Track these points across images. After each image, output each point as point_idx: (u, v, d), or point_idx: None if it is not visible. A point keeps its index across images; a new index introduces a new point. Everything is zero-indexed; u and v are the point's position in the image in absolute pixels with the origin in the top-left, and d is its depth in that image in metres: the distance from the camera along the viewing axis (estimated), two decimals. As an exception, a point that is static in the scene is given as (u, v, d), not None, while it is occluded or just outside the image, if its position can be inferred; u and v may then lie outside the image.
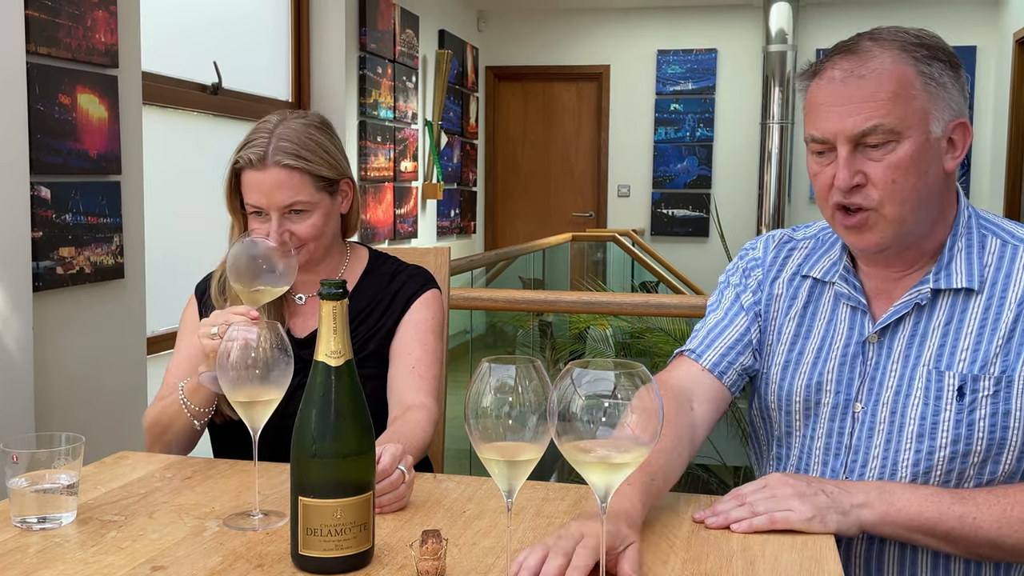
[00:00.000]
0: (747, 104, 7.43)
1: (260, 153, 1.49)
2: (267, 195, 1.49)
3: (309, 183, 1.51)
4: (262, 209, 1.51)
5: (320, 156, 1.53)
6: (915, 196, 1.21)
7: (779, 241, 1.44)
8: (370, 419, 1.07)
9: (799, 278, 1.39)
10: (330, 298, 1.04)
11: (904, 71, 1.19)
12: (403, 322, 1.60)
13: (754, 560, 1.08)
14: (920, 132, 1.20)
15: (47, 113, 2.33)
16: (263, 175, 1.49)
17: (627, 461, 0.92)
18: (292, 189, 1.50)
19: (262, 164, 1.49)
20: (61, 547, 1.08)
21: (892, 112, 1.19)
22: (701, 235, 7.55)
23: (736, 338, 1.40)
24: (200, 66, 3.68)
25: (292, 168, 1.49)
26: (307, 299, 1.64)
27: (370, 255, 1.70)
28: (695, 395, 1.37)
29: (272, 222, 1.50)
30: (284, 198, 1.50)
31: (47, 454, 1.15)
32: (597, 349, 4.97)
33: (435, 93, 6.27)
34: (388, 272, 1.66)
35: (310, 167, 1.51)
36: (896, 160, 1.20)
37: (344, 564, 1.03)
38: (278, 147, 1.49)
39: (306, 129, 1.54)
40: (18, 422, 2.12)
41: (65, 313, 2.43)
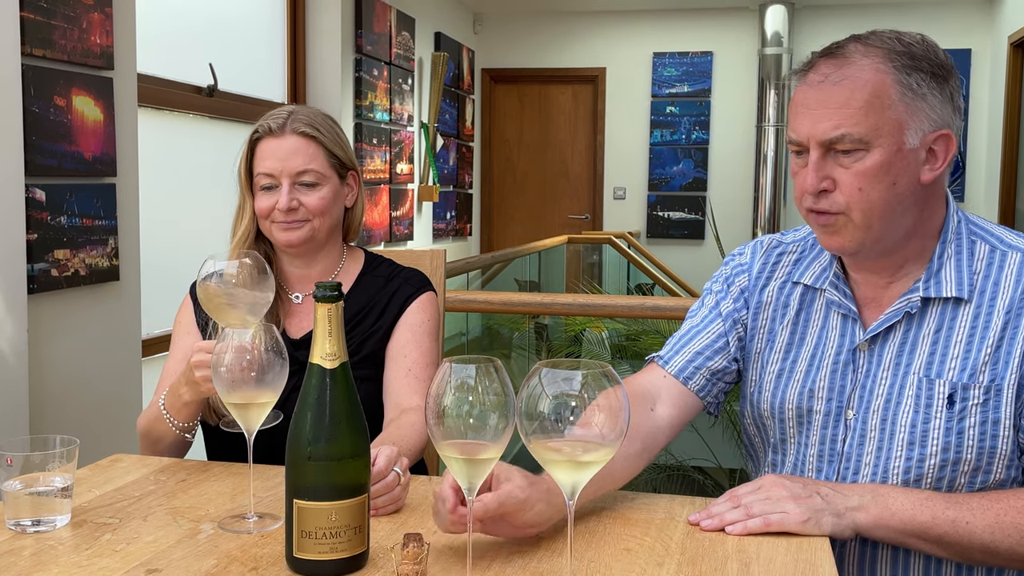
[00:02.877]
0: (743, 107, 7.44)
1: (280, 122, 1.55)
2: (282, 160, 1.53)
3: (323, 155, 1.56)
4: (274, 178, 1.54)
5: (334, 136, 1.60)
6: (882, 205, 1.21)
7: (768, 247, 1.44)
8: (365, 422, 1.07)
9: (790, 285, 1.39)
10: (325, 300, 1.04)
11: (881, 80, 1.19)
12: (399, 324, 1.61)
13: (749, 562, 1.08)
14: (891, 142, 1.19)
15: (42, 115, 2.32)
16: (280, 141, 1.54)
17: (593, 459, 0.93)
18: (307, 156, 1.54)
19: (280, 131, 1.55)
20: (55, 550, 1.08)
21: (862, 121, 1.18)
22: (697, 237, 7.56)
23: (707, 344, 1.40)
24: (196, 68, 3.68)
25: (308, 137, 1.55)
26: (303, 298, 1.64)
27: (366, 257, 1.70)
28: (658, 399, 1.38)
29: (282, 189, 1.53)
30: (298, 164, 1.53)
31: (41, 457, 1.14)
32: (593, 351, 4.98)
33: (431, 95, 6.27)
34: (384, 275, 1.66)
35: (325, 141, 1.57)
36: (864, 169, 1.20)
37: (339, 567, 1.03)
38: (296, 118, 1.56)
39: (321, 113, 1.62)
40: (12, 424, 2.12)
41: (60, 315, 2.42)
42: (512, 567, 1.06)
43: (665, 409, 1.38)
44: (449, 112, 6.77)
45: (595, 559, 1.08)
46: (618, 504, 1.27)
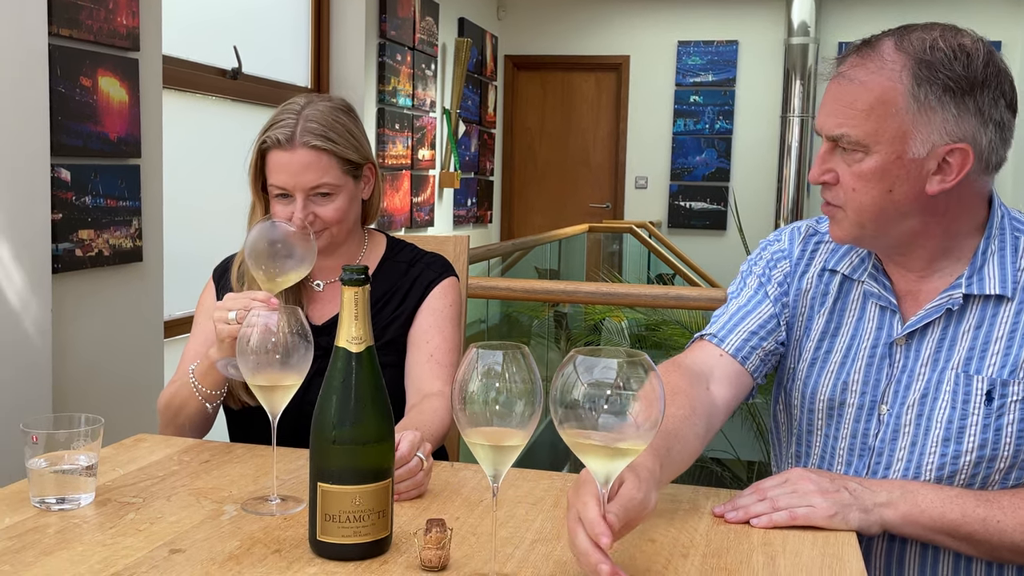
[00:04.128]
0: (767, 97, 7.38)
1: (288, 133, 1.49)
2: (294, 176, 1.49)
3: (335, 166, 1.51)
4: (287, 191, 1.50)
5: (346, 139, 1.53)
6: (875, 209, 1.21)
7: (805, 234, 1.42)
8: (390, 406, 1.06)
9: (828, 273, 1.38)
10: (352, 284, 1.03)
11: (891, 87, 1.17)
12: (421, 309, 1.60)
13: (775, 556, 1.07)
14: (891, 150, 1.18)
15: (68, 95, 2.33)
16: (291, 156, 1.49)
17: (628, 448, 0.93)
18: (319, 171, 1.49)
19: (290, 144, 1.49)
20: (79, 528, 1.08)
21: (861, 124, 1.18)
22: (719, 228, 7.51)
23: (760, 324, 1.38)
24: (220, 51, 3.68)
25: (320, 150, 1.49)
26: (325, 286, 1.63)
27: (388, 242, 1.69)
28: (713, 376, 1.34)
29: (297, 204, 1.50)
30: (311, 180, 1.49)
31: (66, 435, 1.15)
32: (612, 341, 4.96)
33: (454, 81, 6.25)
34: (406, 260, 1.65)
35: (337, 149, 1.51)
36: (860, 171, 1.20)
37: (362, 551, 1.02)
38: (306, 128, 1.49)
39: (333, 112, 1.54)
40: (35, 403, 2.13)
41: (83, 295, 2.43)
42: (535, 555, 1.05)
43: (720, 389, 1.34)
44: (471, 98, 6.75)
45: (619, 550, 1.07)
46: (642, 494, 1.25)
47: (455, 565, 1.02)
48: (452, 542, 1.04)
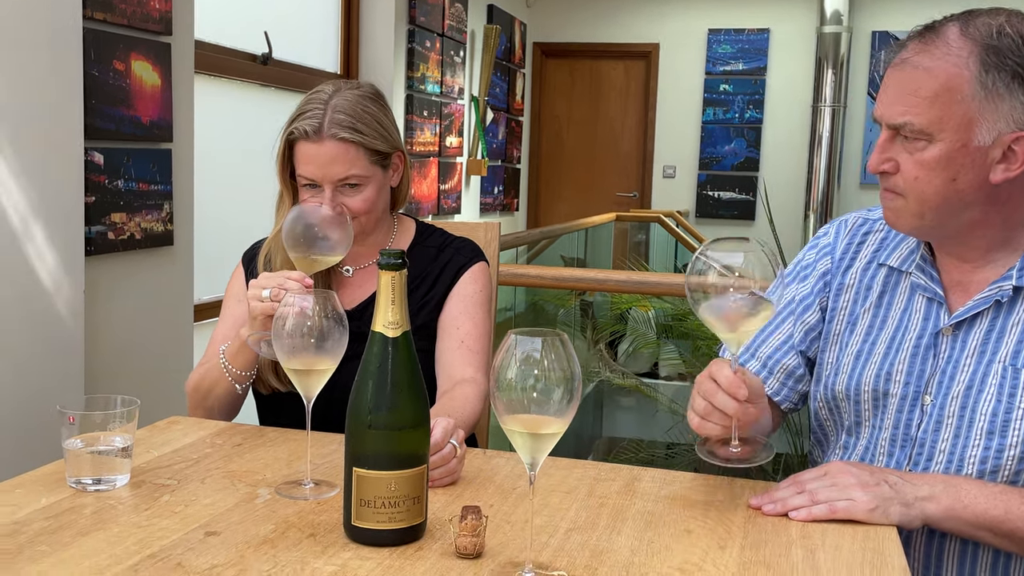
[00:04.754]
0: (799, 86, 7.29)
1: (316, 125, 1.47)
2: (322, 168, 1.48)
3: (363, 157, 1.50)
4: (315, 182, 1.50)
5: (374, 129, 1.51)
6: (937, 198, 1.19)
7: (852, 227, 1.41)
8: (426, 392, 1.05)
9: (874, 266, 1.36)
10: (389, 268, 1.02)
11: (958, 74, 1.15)
12: (451, 295, 1.59)
13: (814, 549, 1.06)
14: (956, 138, 1.16)
15: (101, 79, 2.34)
16: (319, 148, 1.47)
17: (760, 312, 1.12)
18: (347, 163, 1.48)
19: (318, 136, 1.47)
20: (115, 509, 1.09)
21: (926, 112, 1.16)
22: (747, 218, 7.45)
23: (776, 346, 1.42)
24: (251, 36, 3.68)
25: (348, 142, 1.48)
26: (355, 271, 1.63)
27: (417, 227, 1.68)
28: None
29: (325, 195, 1.49)
30: (339, 172, 1.48)
31: (102, 416, 1.15)
32: (639, 330, 4.94)
33: (482, 68, 6.23)
34: (436, 244, 1.64)
35: (365, 140, 1.49)
36: (923, 159, 1.18)
37: (396, 537, 1.02)
38: (334, 119, 1.47)
39: (361, 101, 1.51)
40: (68, 384, 2.15)
41: (115, 278, 2.45)
42: (571, 543, 1.04)
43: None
44: (500, 86, 6.73)
45: (655, 540, 1.06)
46: (677, 485, 1.24)
47: (490, 553, 1.01)
48: (487, 530, 1.03)
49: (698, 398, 1.17)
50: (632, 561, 1.00)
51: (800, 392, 1.42)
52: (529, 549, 0.99)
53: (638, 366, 5.31)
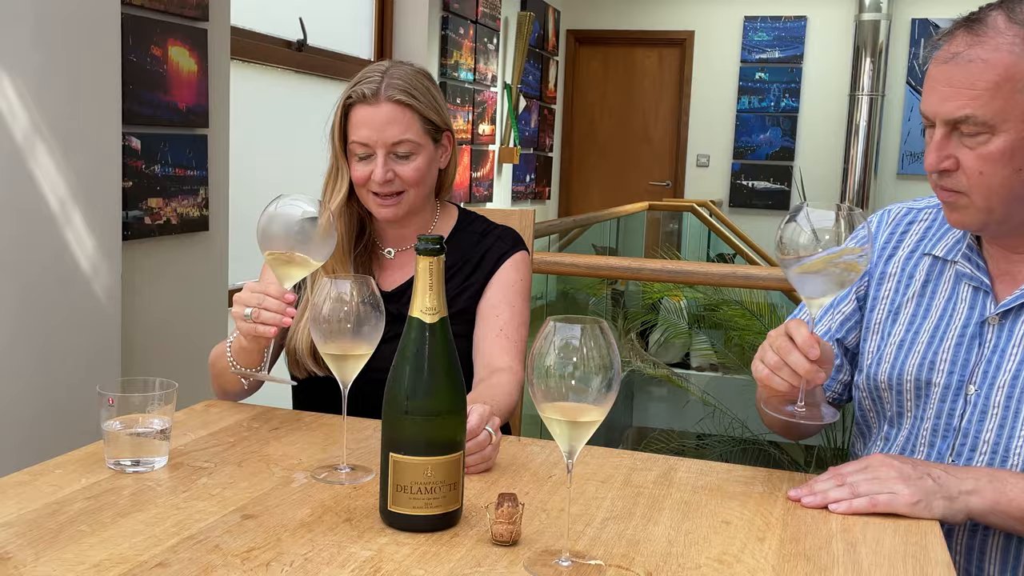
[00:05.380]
0: (836, 75, 7.19)
1: (374, 88, 1.50)
2: (378, 130, 1.49)
3: (418, 123, 1.52)
4: (369, 147, 1.50)
5: (429, 99, 1.54)
6: (1005, 190, 1.16)
7: (895, 218, 1.39)
8: (462, 378, 1.05)
9: (918, 256, 1.34)
10: (427, 253, 1.02)
11: (1014, 62, 1.12)
12: (491, 282, 1.58)
13: (855, 543, 1.04)
14: (1019, 128, 1.13)
15: (139, 64, 2.35)
16: (375, 110, 1.49)
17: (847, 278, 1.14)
18: (403, 126, 1.50)
19: (375, 98, 1.50)
20: (153, 491, 1.09)
21: (988, 104, 1.13)
22: (782, 208, 7.36)
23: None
24: (286, 22, 3.69)
25: (403, 104, 1.50)
26: (396, 253, 1.62)
27: (459, 213, 1.68)
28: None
29: (378, 160, 1.50)
30: (394, 134, 1.49)
31: (141, 398, 1.15)
32: (671, 320, 4.91)
33: (515, 56, 6.21)
34: (478, 231, 1.64)
35: (420, 107, 1.52)
36: (987, 153, 1.15)
37: (432, 523, 1.01)
38: (391, 84, 1.51)
39: (416, 75, 1.55)
40: (105, 367, 2.17)
41: (151, 263, 2.47)
42: (607, 533, 1.04)
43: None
44: (532, 73, 6.70)
45: (692, 530, 1.05)
46: (713, 475, 1.23)
47: (526, 540, 1.00)
48: (523, 517, 1.02)
49: (769, 352, 1.17)
50: (670, 551, 0.99)
51: (841, 382, 1.41)
52: (566, 537, 0.98)
53: (669, 356, 5.28)
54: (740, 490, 1.18)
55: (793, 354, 1.14)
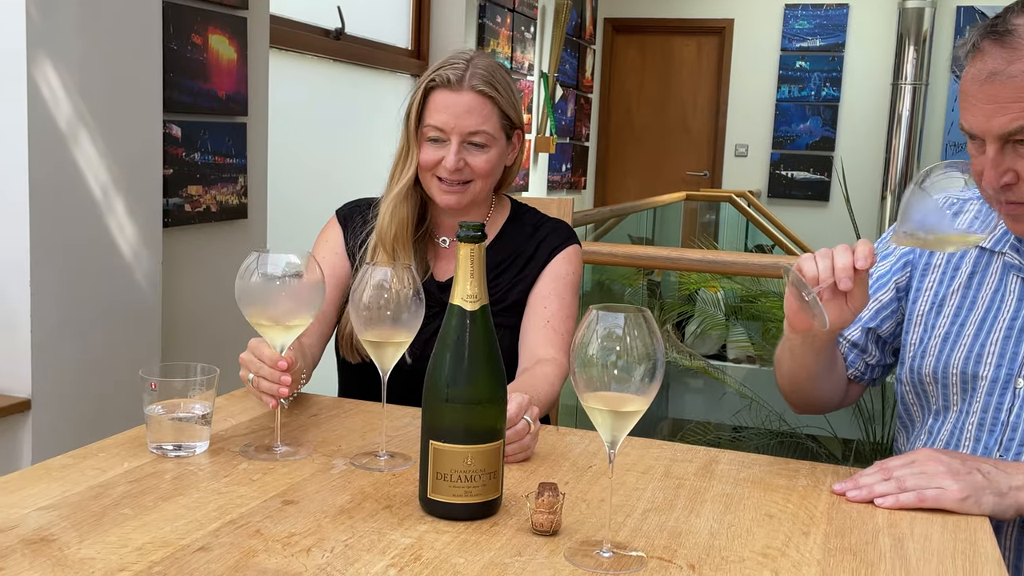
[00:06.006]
0: (878, 63, 7.07)
1: (458, 74, 1.49)
2: (457, 117, 1.48)
3: (496, 116, 1.51)
4: (444, 133, 1.49)
5: (509, 95, 1.54)
6: None
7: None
8: (503, 366, 1.04)
9: None
10: (468, 240, 1.01)
11: None
12: (543, 273, 1.58)
13: (902, 538, 1.02)
14: None
15: (180, 52, 2.36)
16: (458, 96, 1.48)
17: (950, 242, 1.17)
18: (482, 117, 1.49)
19: (459, 84, 1.49)
20: (195, 475, 1.10)
21: None
22: (821, 199, 7.27)
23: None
24: (324, 11, 3.69)
25: (486, 95, 1.49)
26: (451, 242, 1.62)
27: (512, 205, 1.67)
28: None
29: (451, 147, 1.48)
30: (472, 124, 1.49)
31: (183, 383, 1.16)
32: (707, 311, 4.87)
33: (552, 44, 6.17)
34: (531, 223, 1.63)
35: (501, 101, 1.51)
36: None
37: (472, 511, 1.01)
38: (475, 73, 1.50)
39: (500, 68, 1.55)
40: (146, 352, 2.19)
41: (191, 250, 2.49)
42: (648, 524, 1.02)
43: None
44: (569, 62, 6.66)
45: (735, 523, 1.04)
46: (756, 468, 1.21)
47: (566, 531, 1.00)
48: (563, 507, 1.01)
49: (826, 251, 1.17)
50: (712, 544, 0.98)
51: (867, 363, 1.40)
52: (607, 528, 0.97)
53: (706, 348, 5.24)
54: (783, 483, 1.16)
55: (845, 253, 1.13)
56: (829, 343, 1.28)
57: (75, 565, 0.87)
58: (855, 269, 1.12)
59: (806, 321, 1.17)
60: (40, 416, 1.92)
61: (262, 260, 1.16)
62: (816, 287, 1.13)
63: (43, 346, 1.92)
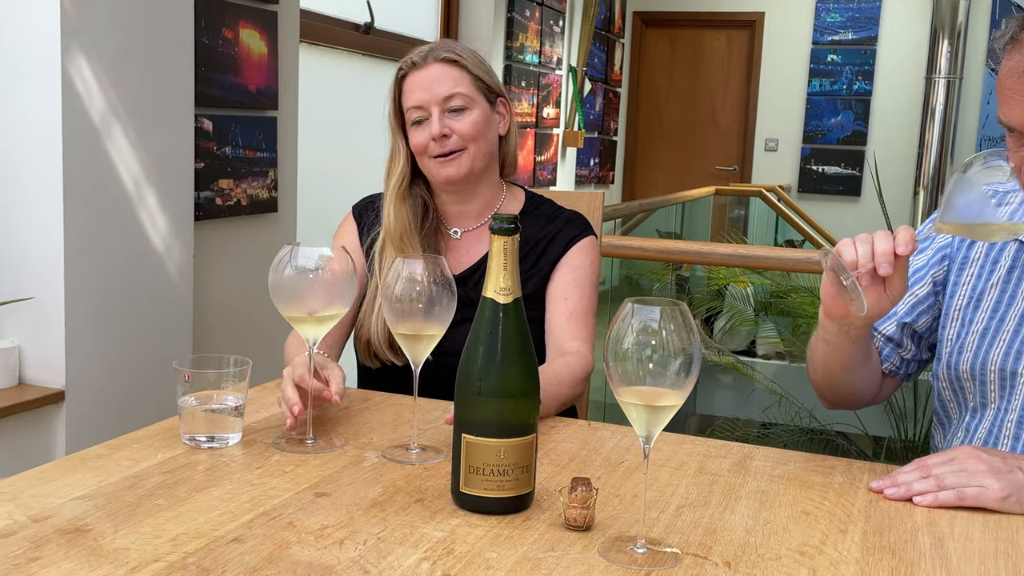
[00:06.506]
0: (911, 57, 6.98)
1: (422, 54, 1.54)
2: (428, 89, 1.51)
3: (468, 79, 1.53)
4: (424, 110, 1.51)
5: (477, 60, 1.57)
6: None
7: None
8: (536, 360, 1.03)
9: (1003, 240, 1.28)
10: (502, 233, 1.00)
11: None
12: (560, 265, 1.56)
13: (942, 537, 1.00)
14: None
15: (211, 46, 2.37)
16: (425, 71, 1.52)
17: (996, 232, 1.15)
18: (452, 80, 1.52)
19: (424, 62, 1.53)
20: (228, 467, 1.10)
21: None
22: (852, 194, 7.19)
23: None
24: (353, 5, 3.70)
25: (451, 62, 1.53)
26: (463, 233, 1.61)
27: (527, 196, 1.66)
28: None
29: (433, 118, 1.50)
30: (444, 89, 1.51)
31: (216, 375, 1.16)
32: (736, 307, 4.83)
33: (581, 38, 6.15)
34: (545, 214, 1.62)
35: (467, 64, 1.54)
36: None
37: (504, 505, 1.00)
38: (435, 48, 1.55)
39: (464, 45, 1.59)
40: (177, 343, 2.21)
41: (221, 243, 2.50)
42: (683, 520, 1.01)
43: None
44: (598, 56, 6.63)
45: (771, 520, 1.02)
46: (791, 465, 1.20)
47: (599, 526, 0.99)
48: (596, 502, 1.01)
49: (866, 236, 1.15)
50: (748, 541, 0.97)
51: (902, 357, 1.37)
52: (641, 523, 0.96)
53: (735, 344, 5.20)
54: (819, 480, 1.15)
55: (886, 239, 1.11)
56: (865, 333, 1.26)
57: (110, 555, 0.87)
58: (895, 255, 1.10)
59: (843, 307, 1.15)
60: (73, 407, 1.94)
61: (295, 253, 1.16)
62: (855, 271, 1.11)
63: (76, 337, 1.93)
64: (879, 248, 1.10)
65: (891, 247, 1.09)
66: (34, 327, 1.92)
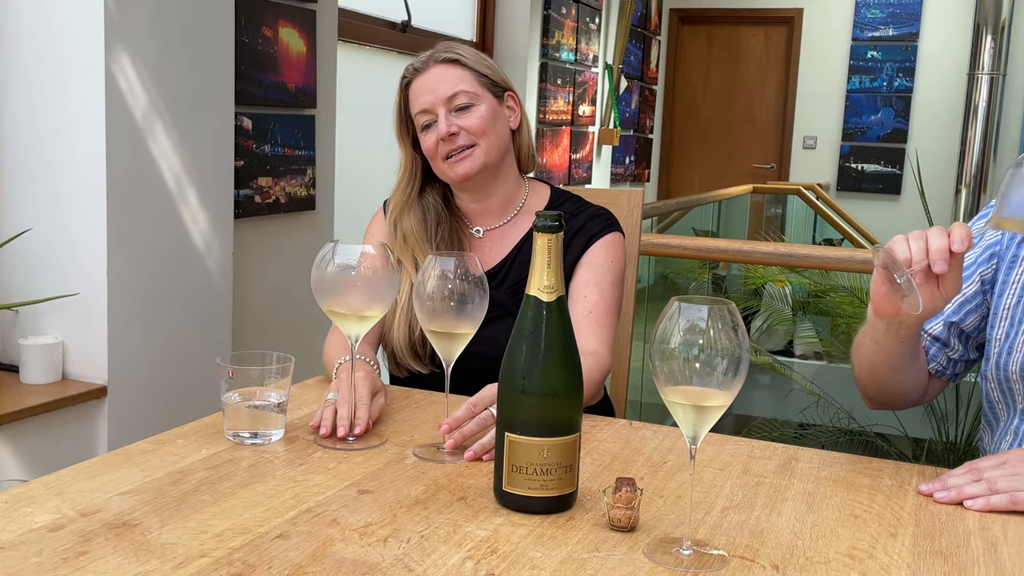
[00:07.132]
0: (954, 53, 6.86)
1: (423, 59, 1.55)
2: (432, 90, 1.51)
3: (470, 76, 1.53)
4: (431, 112, 1.50)
5: (478, 58, 1.56)
6: None
7: None
8: (579, 358, 1.02)
9: None
10: (546, 231, 0.99)
11: None
12: (581, 263, 1.53)
13: (995, 542, 0.98)
14: None
15: (251, 45, 2.39)
16: (426, 75, 1.53)
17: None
18: (454, 79, 1.52)
19: (425, 66, 1.53)
20: (271, 463, 1.10)
21: None
22: (892, 192, 7.09)
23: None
24: (391, 3, 3.71)
25: (451, 61, 1.53)
26: (485, 232, 1.60)
27: (552, 192, 1.64)
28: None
29: (440, 118, 1.50)
30: (447, 88, 1.51)
31: (259, 371, 1.17)
32: (774, 306, 4.78)
33: (617, 36, 6.12)
34: (569, 210, 1.59)
35: (469, 63, 1.54)
36: None
37: (547, 504, 0.99)
38: (436, 51, 1.55)
39: (465, 45, 1.58)
40: (217, 340, 2.22)
41: (260, 240, 2.52)
42: (728, 522, 1.00)
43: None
44: (634, 53, 6.60)
45: (819, 523, 1.01)
46: (837, 467, 1.18)
47: (643, 527, 0.98)
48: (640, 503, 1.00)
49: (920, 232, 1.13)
50: (795, 544, 0.95)
51: (949, 357, 1.35)
52: (687, 524, 0.95)
53: (772, 343, 5.15)
54: (867, 483, 1.13)
55: (940, 235, 1.08)
56: (914, 332, 1.23)
57: (157, 550, 0.88)
58: (951, 252, 1.07)
59: (894, 305, 1.13)
60: (116, 402, 1.97)
61: (338, 250, 1.16)
62: (909, 269, 1.08)
63: (119, 333, 1.96)
64: (934, 245, 1.07)
65: (946, 244, 1.07)
66: (77, 323, 1.95)
